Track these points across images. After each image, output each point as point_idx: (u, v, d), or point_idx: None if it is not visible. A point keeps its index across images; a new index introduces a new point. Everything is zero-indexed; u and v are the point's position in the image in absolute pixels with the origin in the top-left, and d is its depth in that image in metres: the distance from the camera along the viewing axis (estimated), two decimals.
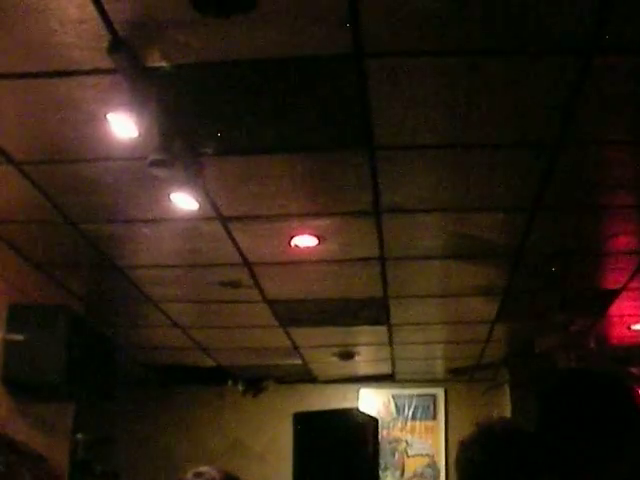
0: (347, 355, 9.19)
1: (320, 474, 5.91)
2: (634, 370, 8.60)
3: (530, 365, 8.45)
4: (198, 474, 2.71)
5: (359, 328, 8.24)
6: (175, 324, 8.07)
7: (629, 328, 8.29)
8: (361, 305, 7.44)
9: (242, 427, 10.32)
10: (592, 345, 8.36)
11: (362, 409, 7.24)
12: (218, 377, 10.07)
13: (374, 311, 7.60)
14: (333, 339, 8.64)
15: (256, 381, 10.32)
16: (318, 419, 6.45)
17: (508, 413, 9.09)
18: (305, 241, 5.99)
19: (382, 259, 6.32)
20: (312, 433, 6.18)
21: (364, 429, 6.24)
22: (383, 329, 8.25)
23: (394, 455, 10.15)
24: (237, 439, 10.11)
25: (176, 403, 10.36)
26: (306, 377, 10.26)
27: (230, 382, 10.22)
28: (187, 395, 10.38)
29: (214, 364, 9.68)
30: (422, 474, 10.11)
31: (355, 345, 8.95)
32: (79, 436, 7.72)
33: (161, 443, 10.07)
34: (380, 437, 7.54)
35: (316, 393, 10.19)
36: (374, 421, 6.59)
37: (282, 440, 7.40)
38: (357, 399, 10.30)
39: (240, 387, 10.28)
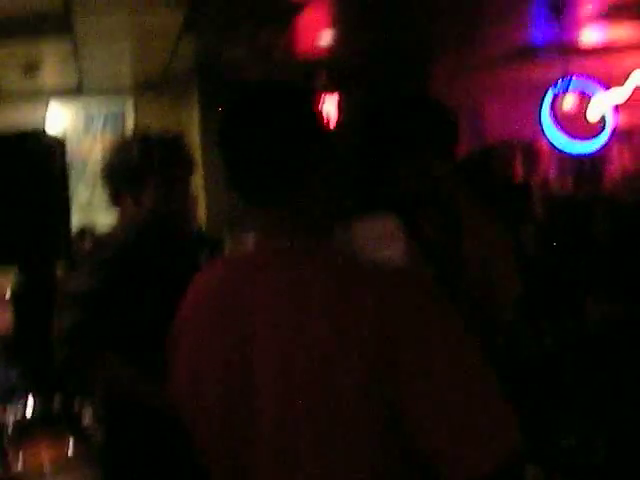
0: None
1: None
2: (317, 83, 8.93)
3: (218, 80, 8.40)
4: None
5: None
6: None
7: (314, 42, 8.47)
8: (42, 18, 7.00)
9: None
10: (278, 57, 8.43)
11: (51, 129, 6.94)
12: None
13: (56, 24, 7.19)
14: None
15: None
16: None
17: (197, 128, 9.18)
18: None
19: None
20: None
21: (49, 150, 6.03)
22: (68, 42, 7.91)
23: (85, 170, 10.09)
24: None
25: None
26: None
27: None
28: None
29: None
30: None
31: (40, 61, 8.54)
32: None
33: None
34: (70, 154, 7.38)
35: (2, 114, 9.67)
36: (61, 140, 6.38)
37: None
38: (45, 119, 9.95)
39: None
